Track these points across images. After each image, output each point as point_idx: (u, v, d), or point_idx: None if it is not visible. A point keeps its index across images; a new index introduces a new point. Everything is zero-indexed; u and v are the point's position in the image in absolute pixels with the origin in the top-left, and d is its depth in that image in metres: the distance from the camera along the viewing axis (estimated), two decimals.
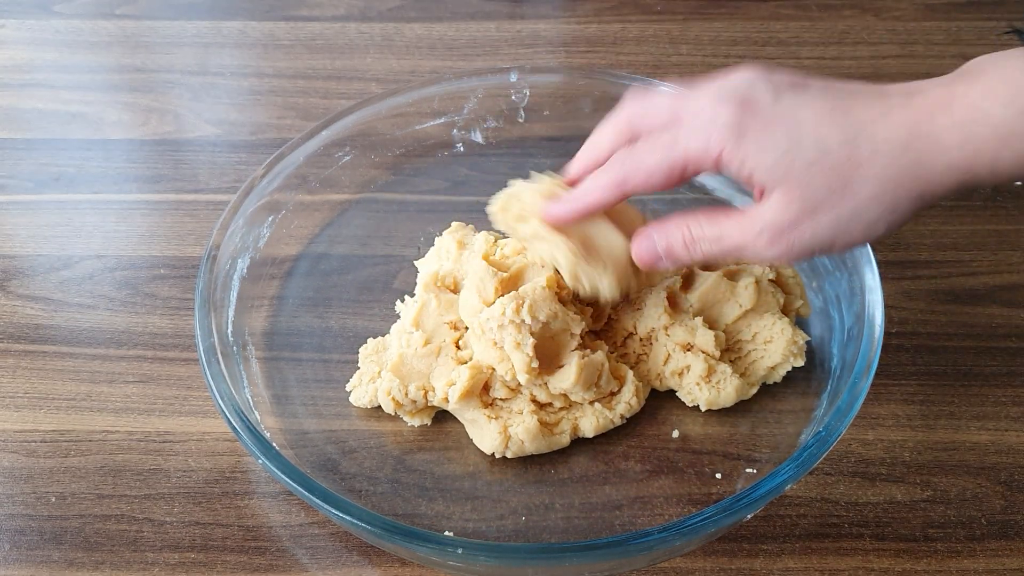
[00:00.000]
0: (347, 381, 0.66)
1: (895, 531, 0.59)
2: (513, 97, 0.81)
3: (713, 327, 0.65)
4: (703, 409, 0.64)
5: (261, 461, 0.55)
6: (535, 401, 0.63)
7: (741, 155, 0.50)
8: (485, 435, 0.62)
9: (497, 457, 0.62)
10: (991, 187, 0.78)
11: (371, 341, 0.67)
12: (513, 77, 0.80)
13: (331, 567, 0.59)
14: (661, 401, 0.65)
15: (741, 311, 0.65)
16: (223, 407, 0.58)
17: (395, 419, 0.65)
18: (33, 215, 0.79)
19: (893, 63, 0.91)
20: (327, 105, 0.88)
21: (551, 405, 0.63)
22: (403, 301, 0.69)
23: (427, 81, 0.80)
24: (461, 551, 0.52)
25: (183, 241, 0.77)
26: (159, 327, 0.71)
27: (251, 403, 0.62)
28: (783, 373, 0.65)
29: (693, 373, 0.63)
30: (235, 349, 0.65)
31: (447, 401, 0.62)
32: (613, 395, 0.64)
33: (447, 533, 0.58)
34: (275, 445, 0.57)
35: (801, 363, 0.64)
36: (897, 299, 0.71)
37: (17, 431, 0.65)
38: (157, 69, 0.93)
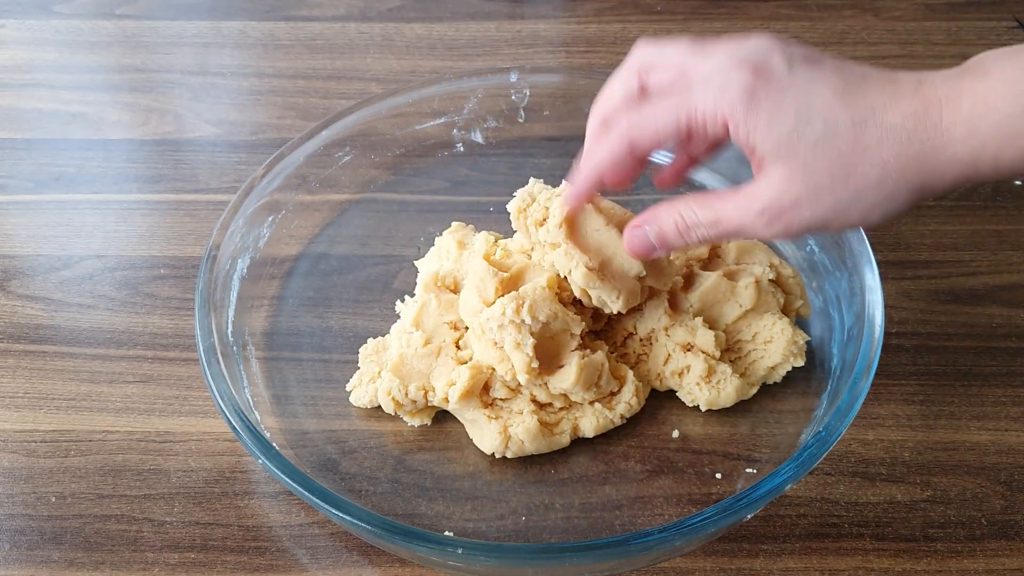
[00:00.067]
0: (347, 381, 0.66)
1: (895, 531, 0.59)
2: (513, 97, 0.81)
3: (713, 327, 0.65)
4: (703, 409, 0.64)
5: (261, 461, 0.55)
6: (535, 401, 0.63)
7: (751, 123, 0.49)
8: (485, 435, 0.62)
9: (497, 457, 0.62)
10: (991, 186, 0.78)
11: (371, 341, 0.67)
12: (513, 77, 0.80)
13: (331, 567, 0.58)
14: (661, 401, 0.65)
15: (741, 311, 0.65)
16: (223, 407, 0.58)
17: (395, 419, 0.65)
18: (33, 215, 0.79)
19: (893, 63, 0.91)
20: (327, 105, 0.88)
21: (551, 405, 0.63)
22: (403, 301, 0.69)
23: (427, 81, 0.80)
24: (461, 551, 0.52)
25: (183, 241, 0.77)
26: (159, 327, 0.71)
27: (251, 403, 0.62)
28: (783, 373, 0.65)
29: (693, 373, 0.63)
30: (235, 349, 0.65)
31: (447, 401, 0.62)
32: (613, 395, 0.64)
33: (447, 533, 0.58)
34: (275, 445, 0.57)
35: (801, 363, 0.64)
36: (897, 299, 0.71)
37: (17, 431, 0.65)
38: (157, 69, 0.93)
